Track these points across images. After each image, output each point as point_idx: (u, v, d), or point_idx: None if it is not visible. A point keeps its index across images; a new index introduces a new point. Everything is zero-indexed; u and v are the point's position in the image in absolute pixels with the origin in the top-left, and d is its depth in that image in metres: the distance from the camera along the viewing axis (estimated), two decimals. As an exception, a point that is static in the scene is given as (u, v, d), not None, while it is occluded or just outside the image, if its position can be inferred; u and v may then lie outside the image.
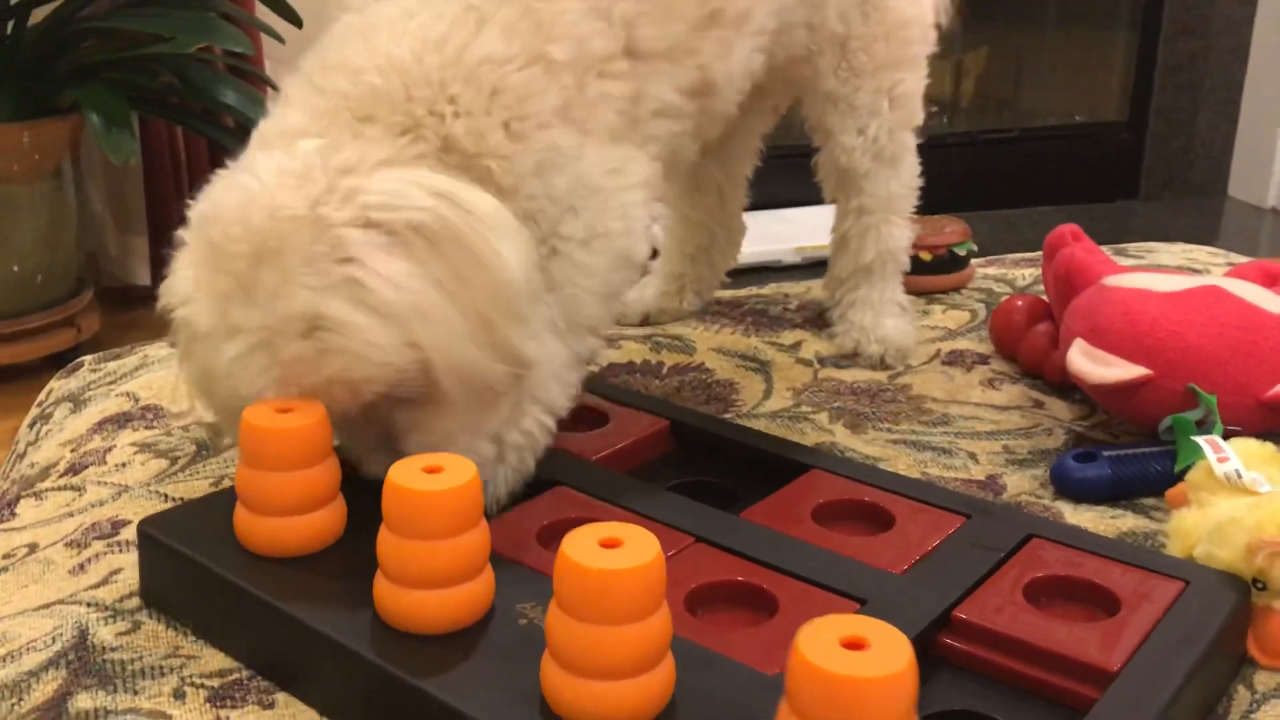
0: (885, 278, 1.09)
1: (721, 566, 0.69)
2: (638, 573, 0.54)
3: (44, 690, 0.65)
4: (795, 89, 1.06)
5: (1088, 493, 0.84)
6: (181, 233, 0.71)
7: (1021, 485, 0.86)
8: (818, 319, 1.16)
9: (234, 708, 0.63)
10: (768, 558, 0.69)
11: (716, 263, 1.18)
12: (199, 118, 2.38)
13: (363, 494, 0.70)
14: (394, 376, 0.67)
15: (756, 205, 1.20)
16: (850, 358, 1.08)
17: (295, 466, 0.68)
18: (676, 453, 0.88)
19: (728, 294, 1.24)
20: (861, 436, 0.93)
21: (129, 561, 0.76)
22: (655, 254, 1.21)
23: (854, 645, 0.48)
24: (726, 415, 0.97)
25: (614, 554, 0.54)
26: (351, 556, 0.68)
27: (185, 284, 0.69)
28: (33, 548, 0.82)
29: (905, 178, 1.07)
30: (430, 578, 0.61)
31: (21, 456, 1.01)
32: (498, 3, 0.76)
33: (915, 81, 1.06)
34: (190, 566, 0.69)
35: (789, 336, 1.13)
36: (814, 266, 2.45)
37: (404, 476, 0.61)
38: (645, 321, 1.16)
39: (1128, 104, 3.29)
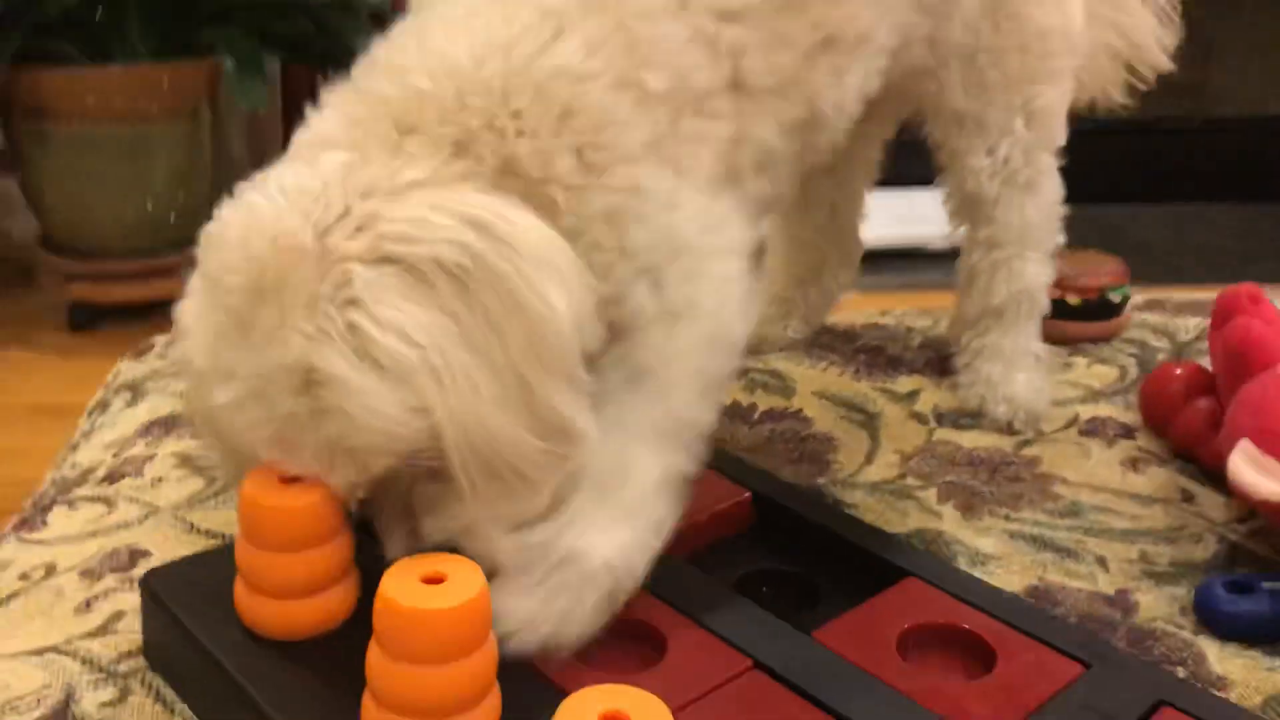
0: (1019, 323, 0.95)
1: (777, 708, 0.58)
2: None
3: (10, 766, 0.59)
4: (913, 103, 0.92)
5: (1239, 630, 0.70)
6: (197, 251, 0.62)
7: (1157, 607, 0.73)
8: (942, 362, 1.03)
9: (199, 821, 0.56)
10: (834, 701, 0.58)
11: (828, 287, 1.06)
12: (342, 64, 2.33)
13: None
14: (401, 448, 0.57)
15: (903, 181, 1.06)
16: (973, 416, 0.95)
17: (297, 547, 0.60)
18: (757, 530, 0.77)
19: (844, 320, 1.12)
20: (974, 523, 0.81)
21: (136, 605, 0.70)
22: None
23: None
24: (820, 480, 0.85)
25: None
26: (361, 644, 0.60)
27: (187, 314, 0.60)
28: (49, 570, 0.76)
29: (1044, 205, 0.93)
30: (421, 706, 0.52)
31: (74, 449, 0.96)
32: (583, 11, 0.64)
33: (1056, 97, 0.91)
34: (185, 635, 0.62)
35: (905, 383, 1.00)
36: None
37: (397, 587, 0.52)
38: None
39: (1332, 95, 2.99)
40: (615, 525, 0.62)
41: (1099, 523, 0.81)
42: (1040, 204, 0.92)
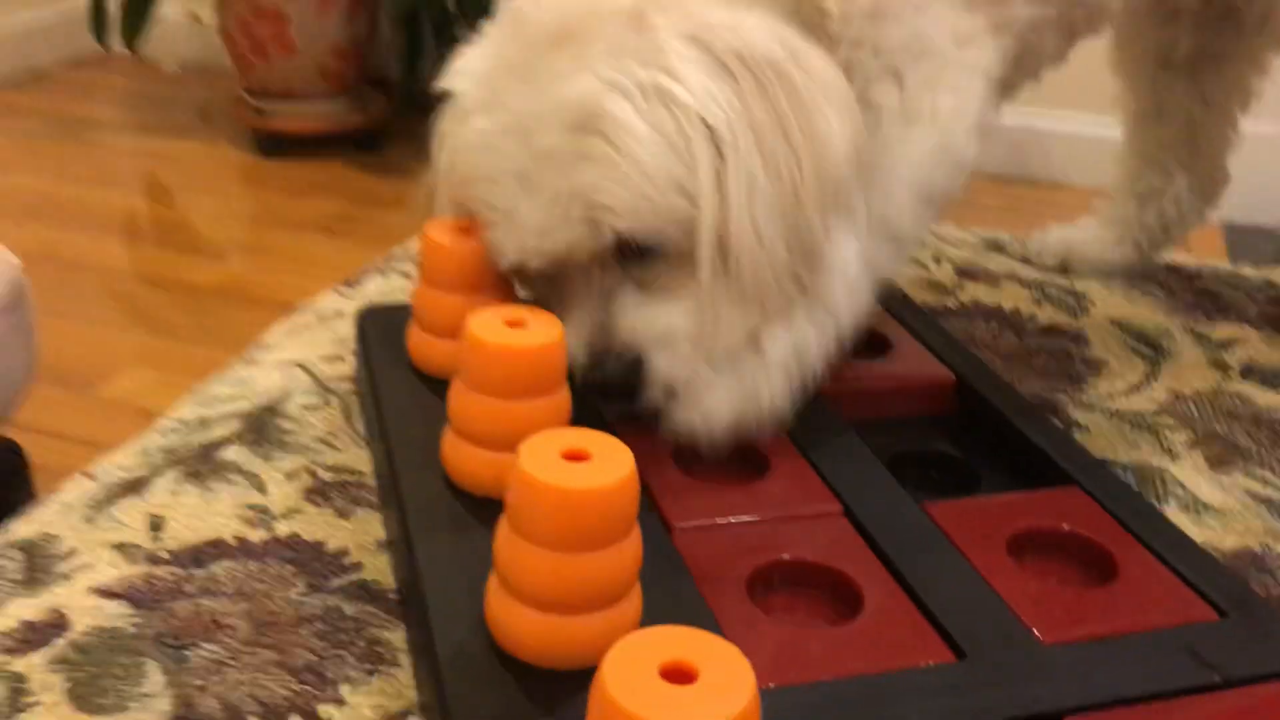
0: None
1: (844, 552, 0.56)
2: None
3: (217, 431, 0.71)
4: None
5: None
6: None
7: (1398, 610, 0.60)
8: (1288, 322, 0.89)
9: (315, 503, 0.64)
10: (899, 558, 0.55)
11: (1168, 214, 0.93)
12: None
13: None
14: (648, 222, 0.56)
15: None
16: (1294, 380, 0.82)
17: (458, 288, 0.65)
18: (947, 417, 0.72)
19: (1201, 261, 0.99)
20: (1215, 476, 0.71)
21: (372, 348, 0.79)
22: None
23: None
24: (1062, 396, 0.78)
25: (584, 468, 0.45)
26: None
27: (472, 58, 0.62)
28: (337, 314, 0.88)
29: None
30: (492, 438, 0.56)
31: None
32: None
33: None
34: (367, 364, 0.70)
35: (1225, 330, 0.88)
36: None
37: (482, 325, 0.56)
38: (1064, 268, 0.96)
39: None
40: (799, 317, 0.61)
41: (1379, 511, 0.68)
42: None
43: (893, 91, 0.63)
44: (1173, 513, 0.67)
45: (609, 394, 0.60)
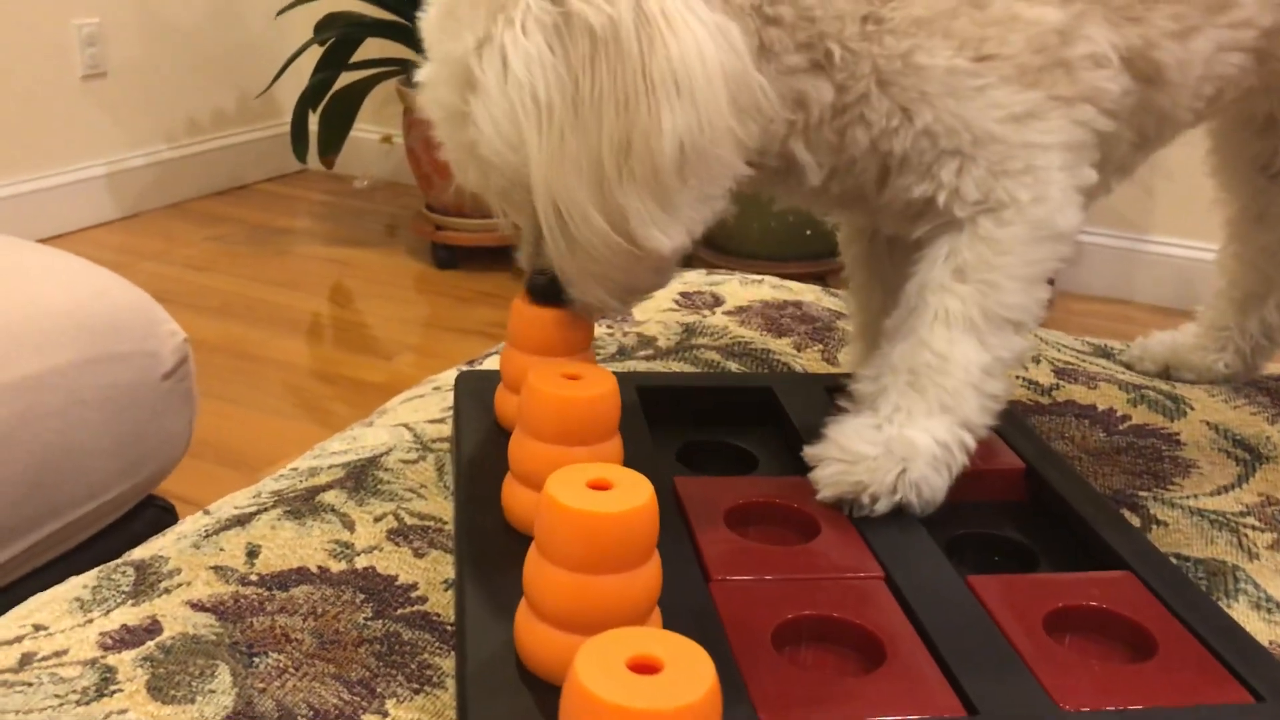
0: None
1: (874, 613, 0.57)
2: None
3: (323, 478, 0.77)
4: None
5: None
6: None
7: None
8: (1407, 437, 0.86)
9: (395, 543, 0.69)
10: (929, 620, 0.56)
11: (1270, 322, 0.91)
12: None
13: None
14: (510, 179, 0.60)
15: None
16: (1403, 493, 0.79)
17: (538, 350, 0.70)
18: (1016, 504, 0.73)
19: (1314, 377, 0.97)
20: (1294, 575, 0.69)
21: (473, 414, 0.85)
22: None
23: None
24: (1144, 493, 0.77)
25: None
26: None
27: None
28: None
29: None
30: (552, 431, 0.60)
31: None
32: None
33: None
34: (456, 420, 0.76)
35: (1333, 441, 0.85)
36: None
37: (541, 378, 0.61)
38: (1165, 374, 0.95)
39: None
40: (933, 417, 0.66)
41: None
42: None
43: (962, 175, 0.65)
44: (1240, 609, 0.66)
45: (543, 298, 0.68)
